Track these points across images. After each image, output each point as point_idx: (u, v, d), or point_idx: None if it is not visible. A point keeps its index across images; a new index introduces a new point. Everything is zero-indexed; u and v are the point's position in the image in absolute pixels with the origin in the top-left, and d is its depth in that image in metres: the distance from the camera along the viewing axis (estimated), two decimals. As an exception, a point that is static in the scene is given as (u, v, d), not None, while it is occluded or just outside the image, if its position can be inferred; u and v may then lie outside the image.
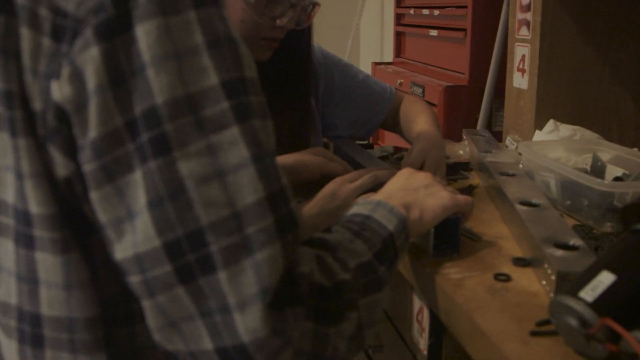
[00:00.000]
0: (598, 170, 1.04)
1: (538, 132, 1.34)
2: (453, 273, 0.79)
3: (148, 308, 0.51)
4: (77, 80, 0.49)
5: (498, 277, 0.77)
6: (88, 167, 0.50)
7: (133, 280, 0.51)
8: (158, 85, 0.48)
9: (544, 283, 0.74)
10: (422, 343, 0.95)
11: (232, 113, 0.50)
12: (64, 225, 0.54)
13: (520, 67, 1.43)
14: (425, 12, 2.17)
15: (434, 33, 2.09)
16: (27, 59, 0.51)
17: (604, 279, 0.57)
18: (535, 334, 0.63)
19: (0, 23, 0.52)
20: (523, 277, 0.77)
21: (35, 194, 0.53)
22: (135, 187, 0.49)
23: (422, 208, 0.78)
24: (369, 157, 1.22)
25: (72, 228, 0.54)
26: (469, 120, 1.84)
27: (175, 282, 0.49)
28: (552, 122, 1.33)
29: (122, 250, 0.50)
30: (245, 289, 0.48)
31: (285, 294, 0.50)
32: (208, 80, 0.50)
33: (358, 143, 1.44)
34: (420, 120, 1.24)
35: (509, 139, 1.47)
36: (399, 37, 2.51)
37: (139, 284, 0.50)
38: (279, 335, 0.49)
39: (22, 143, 0.52)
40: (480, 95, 1.80)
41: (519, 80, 1.44)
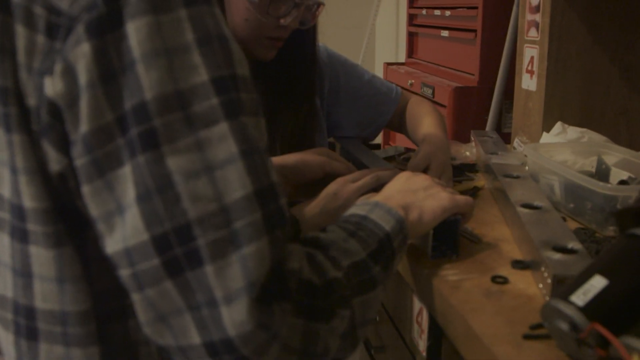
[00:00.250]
0: (602, 174, 1.03)
1: (545, 134, 1.33)
2: (451, 275, 0.79)
3: (138, 302, 0.52)
4: (69, 76, 0.50)
5: (495, 279, 0.77)
6: (79, 161, 0.51)
7: (123, 274, 0.52)
8: (148, 82, 0.49)
9: (541, 286, 0.73)
10: (421, 344, 0.95)
11: (221, 109, 0.51)
12: (57, 220, 0.55)
13: (529, 68, 1.42)
14: (437, 12, 2.16)
15: (445, 34, 2.08)
16: (22, 56, 0.52)
17: (596, 283, 0.56)
18: (528, 338, 0.63)
19: None
20: (521, 280, 0.77)
21: (29, 189, 0.54)
22: (125, 181, 0.50)
23: (421, 209, 0.78)
24: (374, 157, 1.21)
25: (65, 222, 0.55)
26: (479, 122, 1.83)
27: (164, 275, 0.50)
28: (559, 124, 1.32)
29: (112, 244, 0.51)
30: (232, 283, 0.49)
31: (273, 289, 0.51)
32: (198, 77, 0.50)
33: (364, 143, 1.44)
34: (426, 122, 1.23)
35: (517, 141, 1.46)
36: (412, 37, 2.50)
37: (129, 278, 0.51)
38: (266, 330, 0.50)
39: (16, 139, 0.53)
40: (490, 97, 1.79)
41: (528, 82, 1.44)
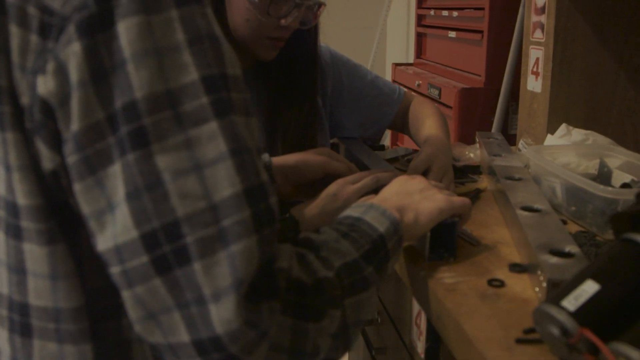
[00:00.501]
0: (604, 176, 1.02)
1: (550, 136, 1.32)
2: (447, 277, 0.79)
3: (127, 299, 0.52)
4: (60, 75, 0.50)
5: (492, 282, 0.77)
6: (71, 159, 0.51)
7: (114, 272, 0.52)
8: (138, 81, 0.49)
9: (537, 290, 0.73)
10: (420, 347, 0.95)
11: (211, 108, 0.51)
12: (50, 217, 0.55)
13: (534, 70, 1.42)
14: (445, 13, 2.15)
15: (453, 35, 2.07)
16: (15, 56, 0.52)
17: (588, 288, 0.56)
18: (521, 342, 0.63)
19: None
20: (517, 283, 0.76)
21: (22, 186, 0.54)
22: (115, 179, 0.50)
23: (417, 211, 0.78)
24: (376, 158, 1.21)
25: (58, 220, 0.55)
26: (485, 123, 1.82)
27: (153, 273, 0.50)
28: (564, 126, 1.31)
29: (103, 242, 0.52)
30: (220, 281, 0.49)
31: (262, 288, 0.51)
32: (188, 76, 0.51)
33: (367, 144, 1.44)
34: (428, 124, 1.23)
35: (522, 143, 1.45)
36: (420, 38, 2.50)
37: (119, 275, 0.52)
38: (254, 328, 0.50)
39: (10, 137, 0.54)
40: (497, 98, 1.78)
41: (533, 84, 1.43)
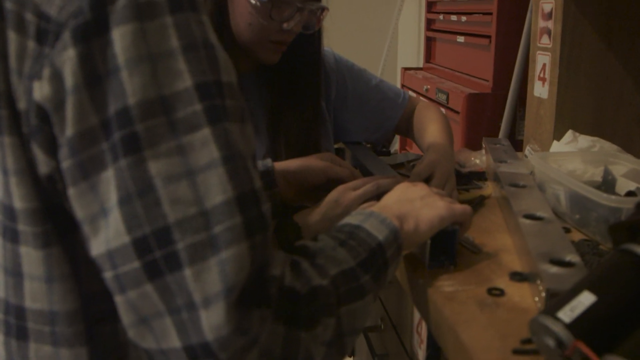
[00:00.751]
0: (609, 184, 1.02)
1: (556, 142, 1.31)
2: (446, 285, 0.78)
3: (120, 304, 0.52)
4: (56, 80, 0.50)
5: (491, 291, 0.76)
6: (65, 164, 0.52)
7: (107, 276, 0.52)
8: (131, 87, 0.50)
9: (537, 300, 0.72)
10: (420, 354, 0.94)
11: (204, 115, 0.51)
12: (46, 221, 0.55)
13: (541, 75, 1.41)
14: (454, 18, 2.15)
15: (461, 39, 2.07)
16: (13, 61, 0.53)
17: (584, 300, 0.55)
18: (518, 352, 0.62)
19: None
20: (517, 292, 0.76)
21: (19, 190, 0.55)
22: (108, 184, 0.50)
23: (417, 219, 0.77)
24: (380, 164, 1.21)
25: (54, 223, 0.56)
26: (493, 128, 1.81)
27: (144, 278, 0.50)
28: (570, 132, 1.30)
29: (96, 247, 0.52)
30: (210, 287, 0.49)
31: (253, 295, 0.51)
32: (182, 83, 0.51)
33: (375, 150, 1.43)
34: (432, 130, 1.23)
35: (528, 149, 1.44)
36: (429, 42, 2.49)
37: (112, 280, 0.52)
38: (244, 335, 0.50)
39: (7, 141, 0.54)
40: (504, 103, 1.77)
41: (540, 89, 1.42)
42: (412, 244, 0.78)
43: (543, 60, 1.40)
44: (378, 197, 0.91)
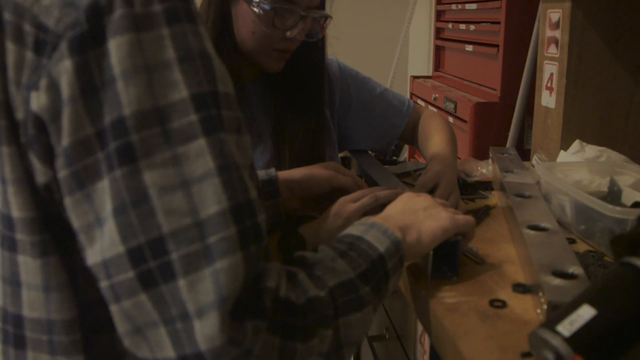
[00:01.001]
0: (614, 195, 1.01)
1: (563, 152, 1.31)
2: (448, 297, 0.78)
3: (115, 313, 0.53)
4: (52, 91, 0.51)
5: (493, 303, 0.76)
6: (62, 173, 0.52)
7: (102, 286, 0.53)
8: (126, 98, 0.50)
9: (539, 312, 0.72)
10: (423, 365, 0.94)
11: (200, 125, 0.51)
12: (43, 230, 0.56)
13: (549, 85, 1.40)
14: (462, 27, 2.14)
15: (470, 48, 2.06)
16: (11, 71, 0.53)
17: (584, 313, 0.55)
18: (518, 365, 0.62)
19: None
20: (519, 304, 0.75)
21: (17, 199, 0.55)
22: (103, 194, 0.51)
23: (420, 230, 0.77)
24: (385, 173, 1.21)
25: (51, 232, 0.56)
26: (501, 137, 1.80)
27: (138, 288, 0.50)
28: (577, 142, 1.29)
29: (92, 256, 0.52)
30: (203, 297, 0.49)
31: (247, 306, 0.51)
32: (178, 94, 0.51)
33: (380, 159, 1.43)
34: (436, 140, 1.23)
35: (535, 158, 1.44)
36: (438, 51, 2.49)
37: (107, 289, 0.52)
38: (237, 346, 0.50)
39: (5, 150, 0.55)
40: (512, 112, 1.76)
41: (547, 99, 1.41)
42: (414, 255, 0.78)
43: (550, 70, 1.39)
44: (382, 206, 0.91)
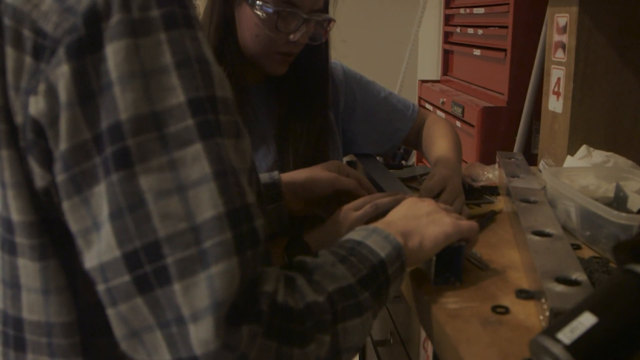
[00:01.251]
0: (620, 201, 1.00)
1: (569, 157, 1.30)
2: (451, 302, 0.77)
3: (112, 317, 0.53)
4: (50, 96, 0.51)
5: (496, 309, 0.75)
6: (59, 178, 0.52)
7: (99, 289, 0.53)
8: (123, 103, 0.50)
9: (541, 318, 0.71)
10: (427, 371, 0.93)
11: (196, 130, 0.51)
12: (43, 233, 0.56)
13: (556, 90, 1.40)
14: (470, 31, 2.14)
15: (478, 52, 2.06)
16: (10, 76, 0.54)
17: (585, 321, 0.54)
18: (518, 373, 0.61)
19: None
20: (522, 310, 0.75)
21: (16, 203, 0.55)
22: (100, 198, 0.51)
23: (422, 235, 0.77)
24: (390, 177, 1.20)
25: (50, 236, 0.56)
26: (508, 142, 1.80)
27: (134, 292, 0.50)
28: (584, 147, 1.28)
29: (89, 260, 0.52)
30: (198, 302, 0.49)
31: (243, 310, 0.51)
32: (175, 99, 0.51)
33: (386, 163, 1.43)
34: (441, 144, 1.22)
35: (542, 163, 1.43)
36: (447, 55, 2.49)
37: (104, 293, 0.52)
38: (232, 351, 0.50)
39: (4, 154, 0.55)
40: (520, 117, 1.76)
41: (554, 104, 1.41)
42: (416, 261, 0.78)
43: (557, 75, 1.39)
44: (385, 212, 0.90)
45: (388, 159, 1.76)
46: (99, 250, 0.51)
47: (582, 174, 1.14)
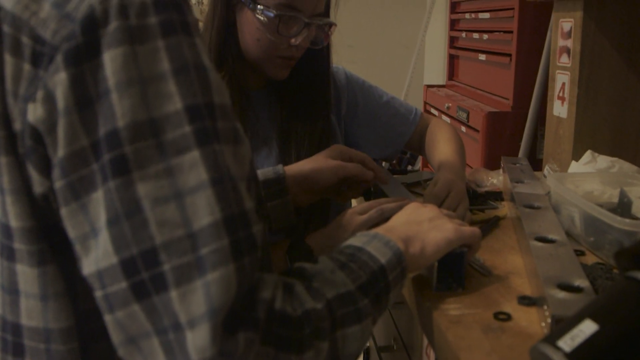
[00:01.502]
0: (625, 207, 0.99)
1: (574, 163, 1.29)
2: (452, 309, 0.77)
3: (109, 323, 0.53)
4: (49, 103, 0.51)
5: (498, 315, 0.75)
6: (58, 184, 0.52)
7: (97, 295, 0.53)
8: (120, 109, 0.50)
9: (543, 325, 0.71)
10: (429, 378, 0.93)
11: (193, 137, 0.51)
12: (41, 239, 0.56)
13: (560, 95, 1.39)
14: (476, 36, 2.14)
15: (483, 57, 2.05)
16: (9, 83, 0.54)
17: (585, 328, 0.54)
18: (519, 380, 0.61)
19: None
20: (524, 317, 0.74)
21: (15, 209, 0.56)
22: (98, 205, 0.51)
23: (424, 241, 0.76)
24: (394, 182, 1.20)
25: (49, 242, 0.56)
26: (513, 147, 1.79)
27: (131, 299, 0.50)
28: (589, 153, 1.28)
29: (87, 266, 0.52)
30: (194, 308, 0.49)
31: (240, 317, 0.51)
32: (172, 105, 0.51)
33: (388, 168, 1.43)
34: (444, 148, 1.22)
35: (547, 169, 1.42)
36: (452, 60, 2.48)
37: (101, 299, 0.52)
38: (229, 357, 0.50)
39: (3, 160, 0.55)
40: (525, 122, 1.75)
41: (559, 109, 1.40)
42: (418, 267, 0.77)
43: (562, 80, 1.38)
44: (389, 217, 0.90)
45: (393, 164, 1.76)
46: (97, 257, 0.51)
47: (586, 180, 1.14)
